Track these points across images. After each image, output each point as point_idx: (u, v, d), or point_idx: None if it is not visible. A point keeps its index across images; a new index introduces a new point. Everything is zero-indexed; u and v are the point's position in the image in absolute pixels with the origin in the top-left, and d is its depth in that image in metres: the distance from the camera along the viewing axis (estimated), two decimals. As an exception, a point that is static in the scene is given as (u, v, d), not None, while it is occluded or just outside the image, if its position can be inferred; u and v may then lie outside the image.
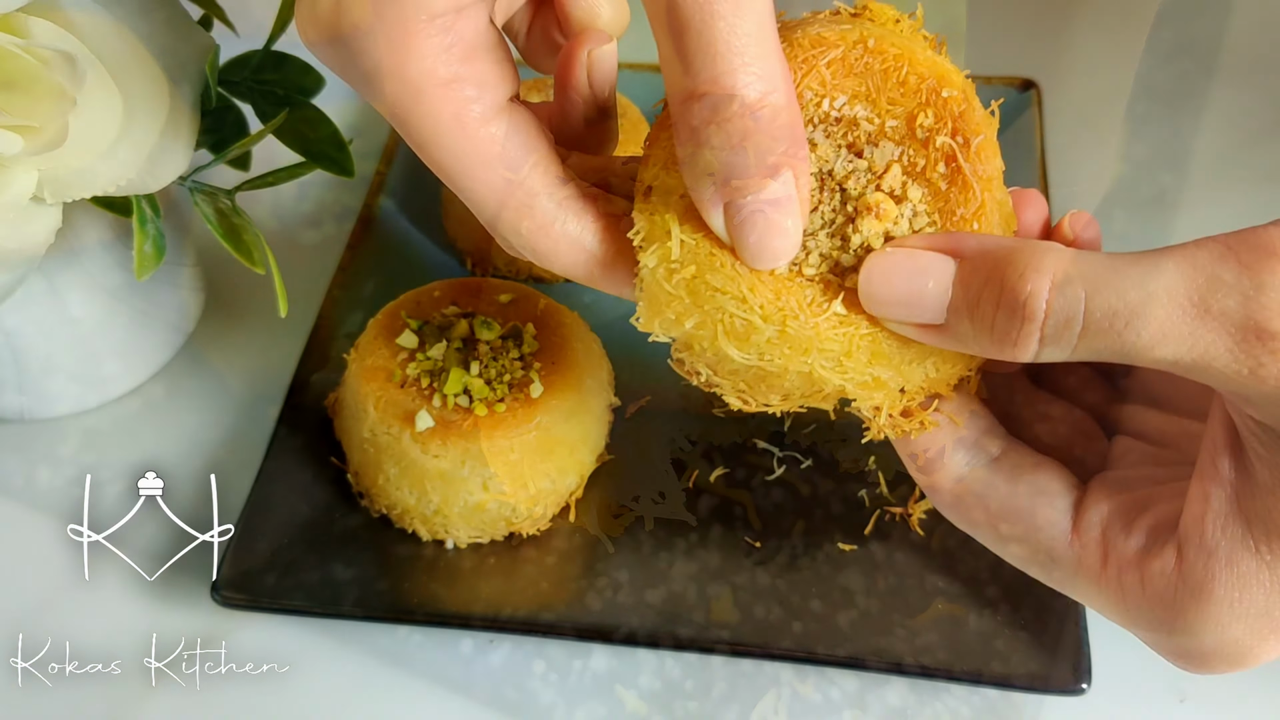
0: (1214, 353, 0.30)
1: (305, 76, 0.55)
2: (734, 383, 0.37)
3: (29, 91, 0.43)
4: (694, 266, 0.34)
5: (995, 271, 0.32)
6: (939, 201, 0.35)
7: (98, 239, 0.58)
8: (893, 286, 0.34)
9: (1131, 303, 0.31)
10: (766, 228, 0.33)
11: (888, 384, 0.36)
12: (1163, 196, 0.71)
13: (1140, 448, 0.39)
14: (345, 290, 0.64)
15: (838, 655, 0.49)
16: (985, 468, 0.38)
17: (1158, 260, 0.31)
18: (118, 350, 0.61)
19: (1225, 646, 0.34)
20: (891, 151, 0.35)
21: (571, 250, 0.37)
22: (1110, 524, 0.36)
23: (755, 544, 0.53)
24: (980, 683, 0.48)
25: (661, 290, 0.35)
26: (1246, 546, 0.33)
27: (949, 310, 0.33)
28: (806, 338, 0.34)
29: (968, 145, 0.35)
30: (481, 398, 0.53)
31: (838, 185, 0.35)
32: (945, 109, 0.35)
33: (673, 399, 0.59)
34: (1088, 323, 0.31)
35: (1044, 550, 0.37)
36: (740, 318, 0.34)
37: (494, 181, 0.35)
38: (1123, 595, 0.35)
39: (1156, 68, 0.79)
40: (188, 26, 0.48)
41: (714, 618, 0.50)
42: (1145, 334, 0.31)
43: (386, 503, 0.54)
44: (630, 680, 0.51)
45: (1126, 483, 0.37)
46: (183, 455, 0.60)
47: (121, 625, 0.54)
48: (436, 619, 0.51)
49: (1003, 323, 0.32)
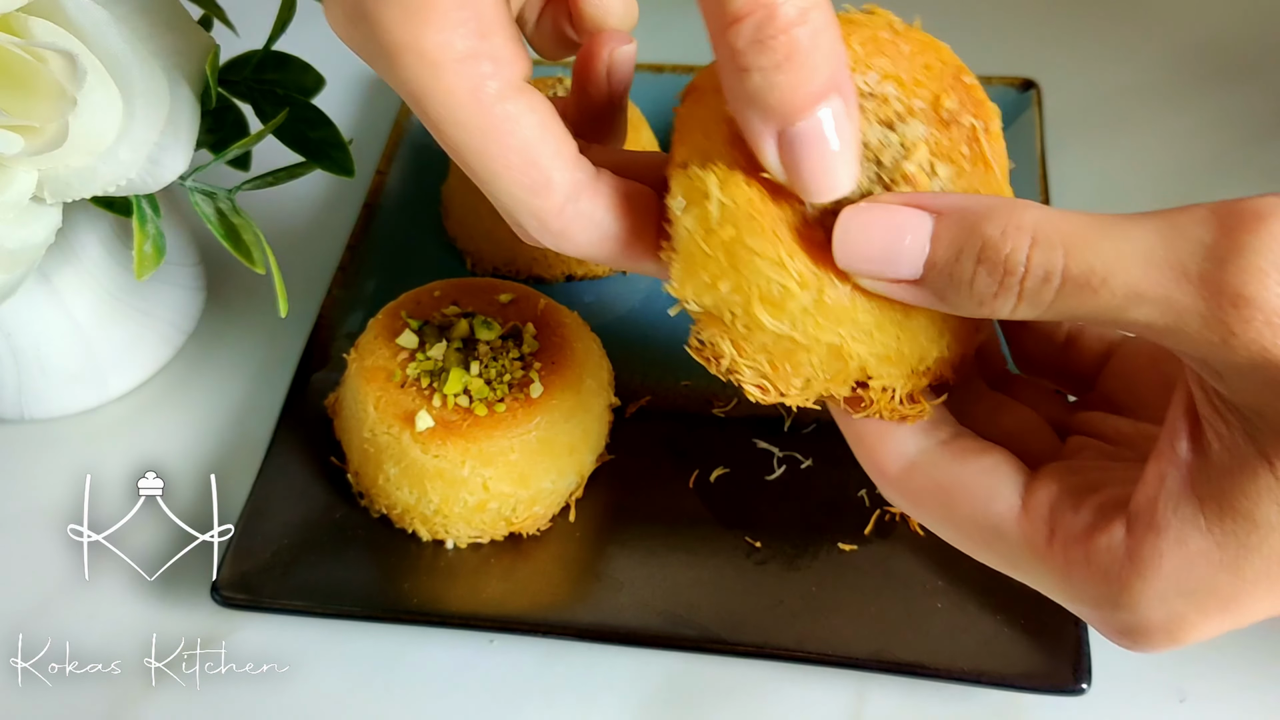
0: (1187, 318, 0.30)
1: (305, 76, 0.55)
2: (757, 364, 0.36)
3: (29, 91, 0.43)
4: (733, 228, 0.34)
5: (975, 227, 0.32)
6: (963, 181, 0.35)
7: (98, 239, 0.58)
8: (869, 242, 0.33)
9: (1109, 261, 0.30)
10: (822, 155, 0.32)
11: (907, 359, 0.36)
12: (1163, 196, 0.71)
13: (1095, 445, 0.39)
14: (345, 290, 0.64)
15: (837, 655, 0.49)
16: (934, 449, 0.38)
17: (1140, 221, 0.31)
18: (118, 350, 0.61)
19: (1167, 621, 0.34)
20: (920, 130, 0.35)
21: (588, 229, 0.36)
22: (1059, 502, 0.36)
23: (755, 544, 0.53)
24: (980, 683, 0.48)
25: (699, 251, 0.34)
26: (1197, 525, 0.32)
27: (927, 266, 0.33)
28: (842, 308, 0.34)
29: (988, 129, 0.36)
30: (481, 398, 0.53)
31: (874, 156, 0.35)
32: (968, 94, 0.36)
33: (673, 399, 0.59)
34: (1065, 280, 0.31)
35: (990, 527, 0.36)
36: (777, 283, 0.33)
37: (510, 159, 0.35)
38: (1067, 570, 0.35)
39: (1156, 68, 0.79)
40: (188, 26, 0.48)
41: (714, 618, 0.50)
42: (1120, 294, 0.30)
43: (386, 503, 0.54)
44: (630, 681, 0.51)
45: (1077, 469, 0.37)
46: (183, 455, 0.60)
47: (121, 625, 0.54)
48: (436, 619, 0.51)
49: (982, 279, 0.32)
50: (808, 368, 0.36)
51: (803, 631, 0.50)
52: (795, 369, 0.36)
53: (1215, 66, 0.79)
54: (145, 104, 0.46)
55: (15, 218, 0.46)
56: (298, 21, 0.54)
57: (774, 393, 0.37)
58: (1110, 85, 0.78)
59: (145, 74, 0.46)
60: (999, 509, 0.36)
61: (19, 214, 0.46)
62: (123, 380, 0.63)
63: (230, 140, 0.54)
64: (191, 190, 0.52)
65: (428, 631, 0.52)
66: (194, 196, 0.52)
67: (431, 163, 0.71)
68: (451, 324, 0.55)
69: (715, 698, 0.51)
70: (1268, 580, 0.33)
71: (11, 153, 0.44)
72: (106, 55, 0.44)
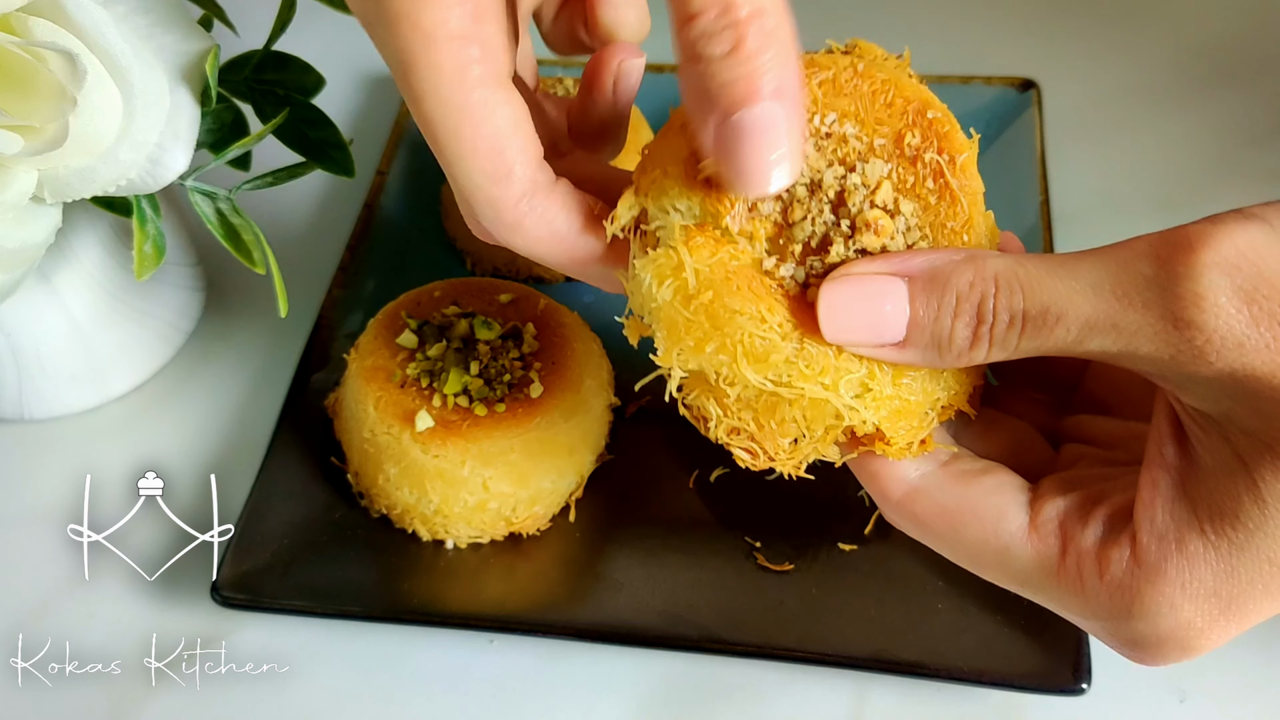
0: (1138, 343, 0.32)
1: (305, 76, 0.55)
2: (743, 423, 0.37)
3: (29, 91, 0.43)
4: (711, 291, 0.35)
5: (947, 284, 0.34)
6: (929, 216, 0.36)
7: (98, 239, 0.58)
8: (853, 315, 0.35)
9: (1060, 299, 0.33)
10: (757, 149, 0.33)
11: (917, 408, 0.37)
12: (1163, 197, 0.71)
13: (1089, 452, 0.40)
14: (345, 290, 0.64)
15: (837, 655, 0.49)
16: (935, 471, 0.38)
17: (1087, 259, 0.33)
18: (118, 350, 0.61)
19: (1178, 630, 0.34)
20: (881, 168, 0.36)
21: (539, 226, 0.38)
22: (1068, 517, 0.36)
23: (755, 544, 0.53)
24: (980, 683, 0.48)
25: (680, 317, 0.36)
26: (1193, 528, 0.33)
27: (909, 328, 0.35)
28: (824, 355, 0.35)
29: (954, 162, 0.37)
30: (481, 398, 0.53)
31: (826, 197, 0.36)
32: (931, 129, 0.37)
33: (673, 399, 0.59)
34: (1025, 320, 0.33)
35: (1000, 547, 0.37)
36: (759, 336, 0.35)
37: (478, 144, 0.36)
38: (1081, 585, 0.36)
39: (1156, 68, 0.79)
40: (188, 26, 0.48)
41: (714, 618, 0.50)
42: (1075, 328, 0.33)
43: (386, 503, 0.54)
44: (630, 681, 0.51)
45: (1079, 480, 0.38)
46: (183, 455, 0.60)
47: (121, 625, 0.54)
48: (436, 619, 0.51)
49: (960, 330, 0.34)
50: (794, 424, 0.37)
51: (803, 631, 0.50)
52: (781, 427, 0.37)
53: (1215, 67, 0.79)
54: (145, 104, 0.46)
55: (15, 218, 0.46)
56: (298, 22, 0.54)
57: (763, 456, 0.38)
58: (1110, 85, 0.78)
59: (145, 74, 0.46)
60: (1008, 529, 0.37)
61: (19, 214, 0.46)
62: (123, 380, 0.63)
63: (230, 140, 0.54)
64: (191, 190, 0.52)
65: (428, 631, 0.52)
66: (194, 197, 0.52)
67: (431, 163, 0.70)
68: (451, 324, 0.55)
69: (715, 698, 0.51)
70: (1262, 582, 0.33)
71: (11, 152, 0.44)
72: (106, 55, 0.44)
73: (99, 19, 0.44)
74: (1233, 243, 0.31)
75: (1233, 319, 0.31)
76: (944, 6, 0.85)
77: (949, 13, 0.85)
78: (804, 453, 0.38)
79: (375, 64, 0.82)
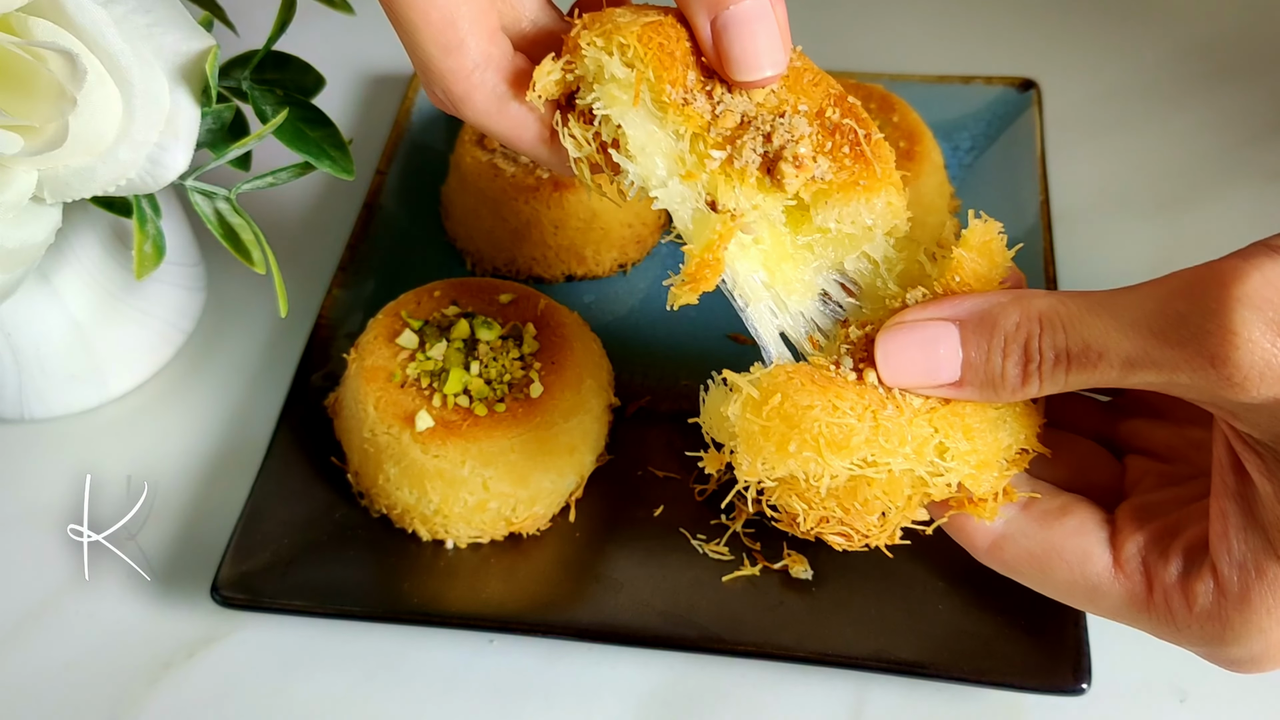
0: (1180, 377, 0.33)
1: (305, 76, 0.55)
2: (830, 510, 0.38)
3: (29, 91, 0.43)
4: (779, 394, 0.37)
5: (995, 325, 0.36)
6: (843, 175, 0.39)
7: (97, 239, 0.58)
8: (910, 360, 0.37)
9: (1101, 337, 0.34)
10: (750, 35, 0.37)
11: (993, 459, 0.39)
12: (1162, 196, 0.71)
13: (1153, 468, 0.41)
14: (345, 290, 0.64)
15: (837, 655, 0.49)
16: (1018, 516, 0.40)
17: (1126, 295, 0.34)
18: (118, 350, 0.61)
19: (1270, 649, 0.36)
20: (805, 126, 0.39)
21: (489, 100, 0.39)
22: (1148, 553, 0.38)
23: (755, 545, 0.53)
24: (980, 683, 0.48)
25: (756, 428, 0.37)
26: (1269, 555, 0.35)
27: (963, 368, 0.37)
28: (899, 427, 0.37)
29: (869, 136, 0.39)
30: (481, 398, 0.53)
31: (761, 131, 0.39)
32: (851, 111, 0.40)
33: (673, 399, 0.59)
34: (1070, 358, 0.35)
35: (1090, 587, 0.39)
36: (835, 424, 0.37)
37: (432, 16, 0.38)
38: (1172, 618, 0.38)
39: (1156, 67, 0.79)
40: (188, 26, 0.48)
41: (714, 618, 0.50)
42: (1118, 364, 0.34)
43: (386, 503, 0.54)
44: (630, 680, 0.51)
45: (1152, 509, 0.39)
46: (183, 455, 0.60)
47: (121, 625, 0.54)
48: (436, 619, 0.51)
49: (1011, 369, 0.36)
50: (877, 500, 0.38)
51: (803, 631, 0.50)
52: (866, 506, 0.38)
53: (1215, 66, 0.79)
54: (145, 104, 0.46)
55: (15, 218, 0.46)
56: (298, 22, 0.54)
57: (857, 536, 0.39)
58: (1110, 85, 0.78)
59: (145, 74, 0.46)
60: (1095, 569, 0.39)
61: (19, 214, 0.46)
62: (123, 380, 0.63)
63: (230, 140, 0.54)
64: (191, 190, 0.52)
65: (428, 631, 0.52)
66: (194, 196, 0.52)
67: (431, 163, 0.71)
68: (452, 324, 0.55)
69: (715, 698, 0.51)
70: None
71: (11, 152, 0.44)
72: (106, 55, 0.44)
73: (99, 19, 0.44)
74: (1262, 276, 0.32)
75: (1268, 352, 0.32)
76: (944, 7, 0.85)
77: (950, 13, 0.85)
78: (894, 524, 0.39)
79: (375, 64, 0.82)
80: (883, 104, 0.65)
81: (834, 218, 0.39)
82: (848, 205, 0.39)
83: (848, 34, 0.83)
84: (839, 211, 0.39)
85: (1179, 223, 0.69)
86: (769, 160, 0.38)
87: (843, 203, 0.39)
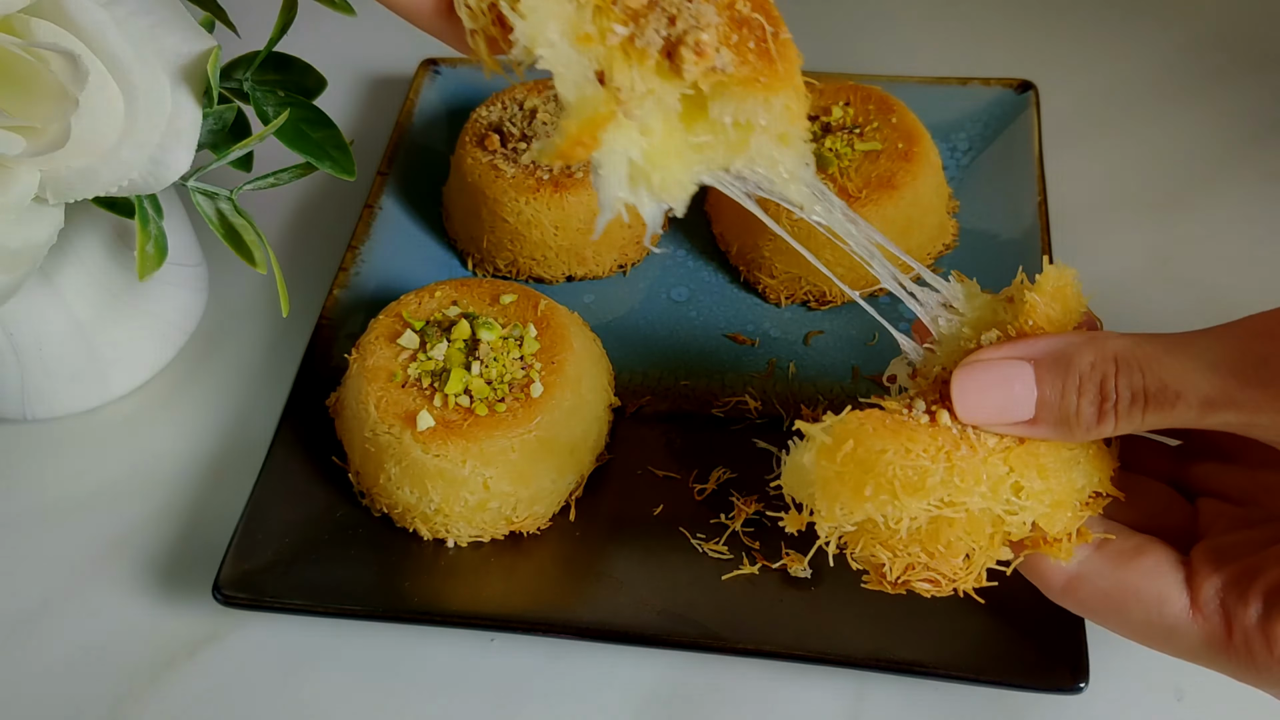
0: (1261, 418, 0.34)
1: (307, 77, 0.55)
2: (914, 556, 0.39)
3: (31, 92, 0.43)
4: (851, 440, 0.37)
5: (1070, 364, 0.37)
6: (746, 69, 0.37)
7: (100, 239, 0.58)
8: (986, 398, 0.38)
9: (1179, 378, 0.35)
10: None
11: (1067, 500, 0.39)
12: (1161, 197, 0.71)
13: (1227, 510, 0.41)
14: (346, 290, 0.64)
15: (837, 655, 0.49)
16: (1093, 557, 0.40)
17: (1204, 337, 0.35)
18: (120, 350, 0.62)
19: None
20: (713, 16, 0.37)
21: None
22: (1226, 595, 0.38)
23: (755, 544, 0.53)
24: (979, 682, 0.48)
25: (832, 474, 0.37)
26: None
27: (1038, 406, 0.37)
28: (974, 467, 0.37)
29: (777, 35, 0.38)
30: (482, 398, 0.53)
31: (664, 14, 0.37)
32: (761, 6, 0.38)
33: (673, 399, 0.59)
34: (1147, 398, 0.35)
35: (1166, 628, 0.39)
36: (909, 466, 0.37)
37: None
38: (1253, 661, 0.38)
39: (1153, 68, 0.80)
40: (189, 27, 0.48)
41: (713, 617, 0.50)
42: (1195, 405, 0.35)
43: (387, 502, 0.54)
44: (630, 680, 0.52)
45: (1228, 551, 0.39)
46: (183, 455, 0.61)
47: (122, 624, 0.54)
48: (437, 618, 0.51)
49: (1086, 408, 0.36)
50: (960, 542, 0.38)
51: (802, 631, 0.50)
52: (950, 549, 0.38)
53: (1213, 66, 0.79)
54: (147, 105, 0.46)
55: (17, 218, 0.47)
56: (299, 22, 0.54)
57: (945, 581, 0.39)
58: (1107, 86, 0.78)
59: (147, 75, 0.46)
60: (1172, 611, 0.39)
61: (21, 214, 0.47)
62: (125, 380, 0.63)
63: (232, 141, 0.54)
64: (193, 191, 0.52)
65: (428, 630, 0.52)
66: (196, 197, 0.52)
67: (432, 163, 0.71)
68: (452, 324, 0.56)
69: (715, 697, 0.51)
70: None
71: (13, 153, 0.44)
72: (108, 56, 0.45)
73: (101, 20, 0.44)
74: None
75: None
76: (942, 8, 0.85)
77: (947, 14, 0.85)
78: (979, 565, 0.39)
79: (376, 65, 0.83)
80: (881, 105, 0.65)
81: (730, 112, 0.38)
82: (745, 101, 0.38)
83: (846, 35, 0.83)
84: (735, 106, 0.38)
85: (1177, 223, 0.69)
86: (670, 44, 0.37)
87: (740, 98, 0.37)
